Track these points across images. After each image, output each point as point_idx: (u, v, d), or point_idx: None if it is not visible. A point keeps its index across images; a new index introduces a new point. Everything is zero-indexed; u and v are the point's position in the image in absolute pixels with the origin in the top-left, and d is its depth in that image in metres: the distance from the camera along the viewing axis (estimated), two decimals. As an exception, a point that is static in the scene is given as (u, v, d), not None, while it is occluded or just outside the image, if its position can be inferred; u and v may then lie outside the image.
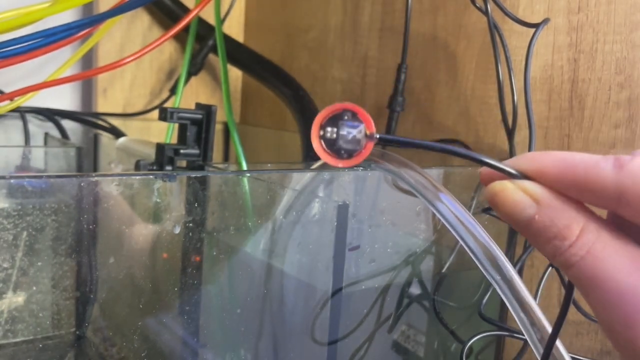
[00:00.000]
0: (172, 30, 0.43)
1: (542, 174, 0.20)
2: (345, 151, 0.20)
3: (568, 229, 0.19)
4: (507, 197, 0.20)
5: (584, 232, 0.19)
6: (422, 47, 0.52)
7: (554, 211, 0.19)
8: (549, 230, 0.19)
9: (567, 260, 0.19)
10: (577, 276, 0.19)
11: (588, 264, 0.18)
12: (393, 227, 0.39)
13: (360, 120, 0.20)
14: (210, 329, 0.35)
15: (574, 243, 0.19)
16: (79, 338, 0.32)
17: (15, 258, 0.28)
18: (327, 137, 0.20)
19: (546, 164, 0.20)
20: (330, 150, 0.20)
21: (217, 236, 0.34)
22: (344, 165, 0.20)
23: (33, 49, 0.39)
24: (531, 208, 0.19)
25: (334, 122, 0.20)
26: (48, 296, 0.31)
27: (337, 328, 0.35)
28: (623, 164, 0.18)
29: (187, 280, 0.34)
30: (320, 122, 0.20)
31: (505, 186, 0.20)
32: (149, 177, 0.31)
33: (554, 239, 0.19)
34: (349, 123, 0.20)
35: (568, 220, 0.19)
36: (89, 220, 0.29)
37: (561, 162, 0.19)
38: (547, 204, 0.19)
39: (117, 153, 0.49)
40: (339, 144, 0.20)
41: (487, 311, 0.38)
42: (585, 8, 0.41)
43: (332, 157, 0.20)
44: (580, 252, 0.18)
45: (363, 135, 0.20)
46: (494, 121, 0.46)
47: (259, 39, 0.74)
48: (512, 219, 0.20)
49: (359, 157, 0.20)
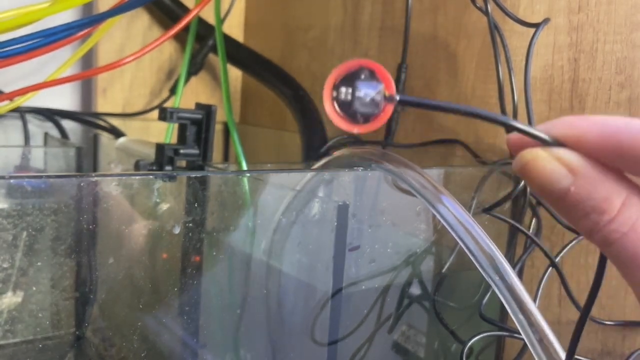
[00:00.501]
0: (172, 30, 0.43)
1: (580, 140, 0.18)
2: (362, 115, 0.18)
3: (608, 202, 0.17)
4: (539, 167, 0.18)
5: (626, 206, 0.17)
6: (422, 47, 0.52)
7: (592, 182, 0.17)
8: (586, 204, 0.17)
9: (607, 236, 0.17)
10: (618, 254, 0.17)
11: (631, 241, 0.17)
12: (393, 227, 0.39)
13: (379, 79, 0.18)
14: (210, 329, 0.35)
15: (614, 218, 0.17)
16: (78, 338, 0.32)
17: (14, 258, 0.28)
18: (342, 98, 0.18)
19: (585, 130, 0.17)
20: (345, 113, 0.18)
21: (217, 236, 0.34)
22: (360, 130, 0.18)
23: (33, 48, 0.39)
24: (567, 179, 0.17)
25: (349, 82, 0.18)
26: (47, 296, 0.31)
27: (337, 328, 0.35)
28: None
29: (186, 280, 0.34)
30: (334, 82, 0.18)
31: (538, 154, 0.18)
32: (149, 177, 0.31)
33: (591, 213, 0.17)
34: (366, 83, 0.18)
35: (608, 192, 0.17)
36: (89, 221, 0.29)
37: (603, 127, 0.17)
38: (585, 175, 0.17)
39: (116, 153, 0.48)
40: (355, 106, 0.18)
41: (487, 311, 0.38)
42: (585, 8, 0.41)
43: (346, 122, 0.18)
44: (622, 228, 0.17)
45: (382, 97, 0.18)
46: (494, 121, 0.46)
47: (259, 38, 0.74)
48: (545, 191, 0.18)
49: (378, 121, 0.18)
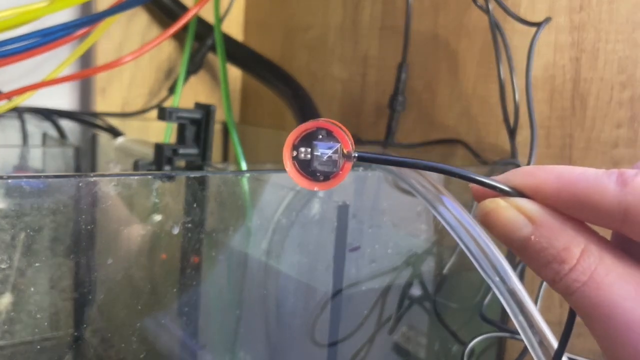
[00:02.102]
0: (171, 29, 0.42)
1: (538, 190, 0.18)
2: (321, 173, 0.19)
3: (567, 251, 0.17)
4: (500, 216, 0.18)
5: (585, 254, 0.17)
6: (423, 46, 0.52)
7: (551, 231, 0.17)
8: (546, 253, 0.17)
9: (568, 286, 0.17)
10: (579, 304, 0.17)
11: (591, 290, 0.17)
12: (394, 228, 0.39)
13: (336, 138, 0.19)
14: (209, 330, 0.35)
15: (574, 267, 0.17)
16: (77, 339, 0.32)
17: (13, 259, 0.28)
18: (301, 158, 0.19)
19: (542, 180, 0.18)
20: (305, 172, 0.19)
21: (216, 237, 0.34)
22: (320, 188, 0.19)
23: (31, 48, 0.39)
24: (527, 228, 0.18)
25: (307, 142, 0.19)
26: (46, 297, 0.30)
27: (337, 329, 0.35)
28: (627, 180, 0.17)
29: (186, 281, 0.34)
30: (293, 143, 0.19)
31: (498, 204, 0.18)
32: (148, 177, 0.30)
33: (552, 262, 0.17)
34: (323, 142, 0.19)
35: (567, 241, 0.17)
36: (87, 221, 0.29)
37: (559, 178, 0.18)
38: (544, 223, 0.18)
39: (115, 153, 0.48)
40: (314, 165, 0.18)
41: (488, 312, 0.38)
42: (587, 7, 0.40)
43: (307, 180, 0.19)
44: (581, 277, 0.17)
45: (340, 155, 0.19)
46: (495, 121, 0.46)
47: (259, 38, 0.73)
48: (507, 240, 0.18)
49: (337, 178, 0.19)
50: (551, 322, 0.21)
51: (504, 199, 0.19)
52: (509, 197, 0.19)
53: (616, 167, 0.41)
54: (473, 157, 0.47)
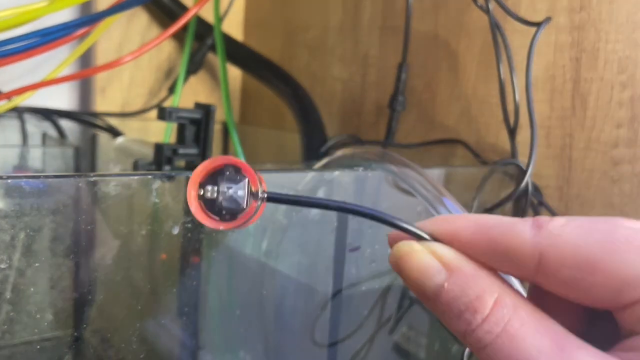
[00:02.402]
0: (171, 29, 0.42)
1: (455, 237, 0.18)
2: (227, 211, 0.18)
3: (480, 300, 0.16)
4: (414, 261, 0.17)
5: (499, 305, 0.16)
6: (423, 46, 0.52)
7: (465, 278, 0.17)
8: (459, 301, 0.16)
9: (480, 338, 0.16)
10: (492, 358, 0.16)
11: (504, 343, 0.16)
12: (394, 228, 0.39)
13: (244, 176, 0.18)
14: (209, 330, 0.35)
15: (487, 318, 0.16)
16: (77, 339, 0.32)
17: (12, 259, 0.28)
18: (208, 197, 0.18)
19: (459, 226, 0.18)
20: (211, 211, 0.18)
21: (216, 237, 0.34)
22: (226, 227, 0.18)
23: (30, 48, 0.39)
24: (440, 274, 0.17)
25: (214, 180, 0.18)
26: (46, 297, 0.30)
27: (337, 329, 0.35)
28: (542, 224, 0.16)
29: (186, 281, 0.34)
30: (199, 180, 0.18)
31: (413, 248, 0.18)
32: (147, 177, 0.30)
33: (464, 312, 0.16)
34: (230, 179, 0.18)
35: (481, 289, 0.16)
36: (87, 221, 0.29)
37: (474, 224, 0.17)
38: (458, 270, 0.17)
39: (115, 153, 0.48)
40: (219, 202, 0.18)
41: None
42: (587, 7, 0.40)
43: (212, 220, 0.18)
44: (495, 328, 0.16)
45: (247, 193, 0.18)
46: (495, 121, 0.46)
47: (259, 37, 0.73)
48: (420, 287, 0.17)
49: (243, 217, 0.18)
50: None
51: (420, 242, 0.18)
52: (425, 242, 0.18)
53: (616, 167, 0.41)
54: (473, 157, 0.47)
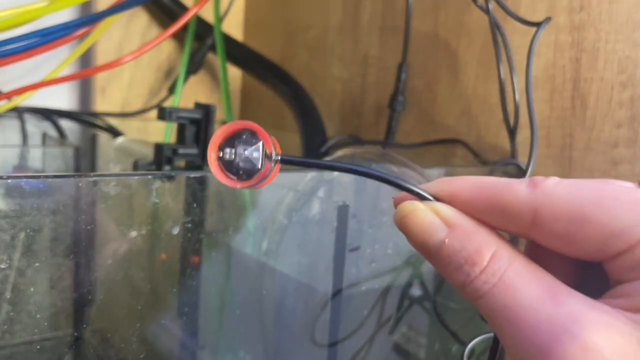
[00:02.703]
0: (171, 28, 0.42)
1: (455, 196, 0.19)
2: (244, 171, 0.19)
3: (478, 254, 0.18)
4: (417, 219, 0.19)
5: (496, 257, 0.17)
6: (423, 46, 0.52)
7: (464, 234, 0.18)
8: (459, 255, 0.18)
9: (478, 288, 0.17)
10: (488, 306, 0.17)
11: (500, 292, 0.17)
12: (393, 228, 0.39)
13: (259, 139, 0.19)
14: (209, 330, 0.35)
15: (484, 269, 0.17)
16: (77, 339, 0.32)
17: (13, 259, 0.28)
18: (226, 158, 0.19)
19: (459, 187, 0.19)
20: (229, 171, 0.19)
21: (216, 237, 0.34)
22: (243, 186, 0.19)
23: (30, 48, 0.39)
24: (442, 231, 0.18)
25: (232, 143, 0.19)
26: (46, 297, 0.30)
27: (337, 330, 0.35)
28: (537, 183, 0.18)
29: (185, 281, 0.34)
30: (219, 143, 0.19)
31: (416, 207, 0.19)
32: (147, 177, 0.30)
33: (463, 265, 0.18)
34: (246, 142, 0.19)
35: (479, 244, 0.18)
36: (87, 221, 0.29)
37: (474, 184, 0.19)
38: (458, 227, 0.18)
39: (115, 153, 0.48)
40: (237, 163, 0.19)
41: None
42: (587, 7, 0.40)
43: (230, 179, 0.19)
44: (491, 279, 0.17)
45: (262, 155, 0.19)
46: (495, 121, 0.46)
47: (259, 37, 0.73)
48: (422, 243, 0.19)
49: (258, 177, 0.19)
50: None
51: (423, 202, 0.19)
52: (427, 202, 0.19)
53: (616, 167, 0.41)
54: (473, 157, 0.47)
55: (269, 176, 0.20)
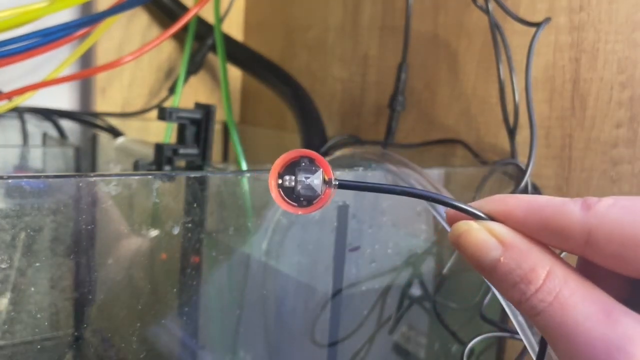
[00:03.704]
0: (171, 29, 0.42)
1: (509, 216, 0.19)
2: (305, 198, 0.20)
3: (534, 273, 0.18)
4: (472, 238, 0.19)
5: (551, 276, 0.18)
6: (423, 46, 0.52)
7: (519, 253, 0.18)
8: (514, 274, 0.18)
9: (534, 306, 0.18)
10: (545, 324, 0.18)
11: (556, 311, 0.18)
12: (393, 228, 0.39)
13: (318, 166, 0.20)
14: (209, 330, 0.35)
15: (540, 288, 0.18)
16: (77, 339, 0.32)
17: (13, 259, 0.28)
18: (286, 185, 0.20)
19: (513, 206, 0.19)
20: (289, 198, 0.20)
21: (216, 237, 0.34)
22: (304, 212, 0.20)
23: (31, 48, 0.39)
24: (497, 250, 0.19)
25: (291, 170, 0.20)
26: (46, 297, 0.30)
27: (337, 329, 0.35)
28: (591, 205, 0.18)
29: (186, 281, 0.34)
30: (278, 171, 0.20)
31: (471, 226, 0.19)
32: (148, 177, 0.30)
33: (519, 283, 0.18)
34: (306, 170, 0.20)
35: (534, 263, 0.18)
36: (88, 221, 0.29)
37: (527, 204, 0.19)
38: (513, 246, 0.19)
39: (115, 153, 0.48)
40: (298, 191, 0.20)
41: (488, 312, 0.38)
42: (586, 7, 0.40)
43: (291, 206, 0.20)
44: (547, 297, 0.18)
45: (321, 181, 0.20)
46: (495, 121, 0.46)
47: (259, 38, 0.73)
48: (478, 261, 0.19)
49: (319, 203, 0.20)
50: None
51: (477, 221, 0.20)
52: (481, 221, 0.20)
53: (616, 167, 0.41)
54: (473, 157, 0.47)
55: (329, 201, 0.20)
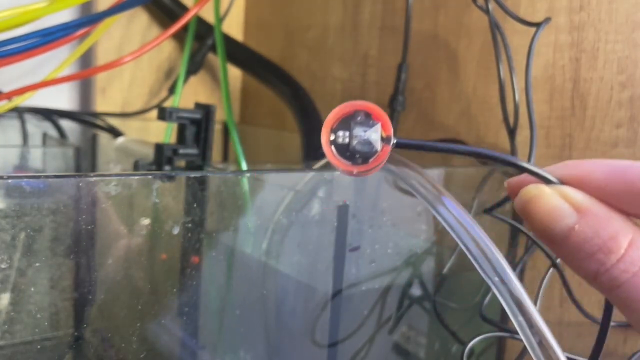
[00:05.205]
0: (171, 29, 0.42)
1: (586, 180, 0.17)
2: (360, 155, 0.18)
3: (614, 241, 0.16)
4: (543, 204, 0.17)
5: (634, 245, 0.16)
6: (423, 46, 0.52)
7: (597, 220, 0.17)
8: (591, 243, 0.16)
9: (615, 278, 0.16)
10: (627, 297, 0.16)
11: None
12: (393, 228, 0.39)
13: (376, 120, 0.18)
14: (209, 330, 0.35)
15: (622, 257, 0.16)
16: (77, 339, 0.32)
17: (13, 259, 0.28)
18: (339, 142, 0.18)
19: (590, 170, 0.17)
20: (343, 156, 0.18)
21: (216, 237, 0.34)
22: (359, 170, 0.18)
23: (31, 48, 0.39)
24: (571, 217, 0.17)
25: (346, 125, 0.18)
26: (46, 297, 0.30)
27: (337, 330, 0.35)
28: None
29: (186, 281, 0.34)
30: (332, 126, 0.18)
31: (542, 191, 0.17)
32: (148, 177, 0.30)
33: (597, 253, 0.16)
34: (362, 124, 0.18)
35: (614, 230, 0.16)
36: (88, 221, 0.29)
37: (607, 167, 0.17)
38: (590, 212, 0.17)
39: (115, 153, 0.48)
40: (353, 147, 0.18)
41: (488, 312, 0.38)
42: (586, 7, 0.40)
43: (345, 164, 0.18)
44: (631, 267, 0.16)
45: (379, 137, 0.18)
46: (495, 121, 0.46)
47: (259, 38, 0.73)
48: (548, 230, 0.17)
49: (376, 161, 0.18)
50: (551, 322, 0.21)
51: (550, 186, 0.18)
52: (554, 185, 0.18)
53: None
54: (473, 157, 0.47)
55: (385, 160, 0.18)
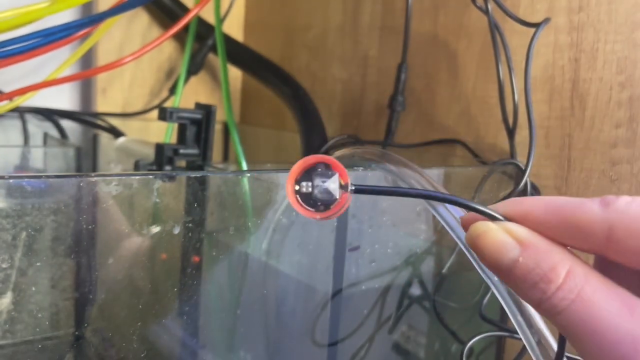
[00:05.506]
0: (172, 29, 0.42)
1: (527, 216, 0.19)
2: (322, 202, 0.20)
3: (554, 272, 0.18)
4: (490, 239, 0.19)
5: (571, 274, 0.18)
6: (422, 47, 0.52)
7: (538, 253, 0.18)
8: (533, 273, 0.18)
9: (555, 305, 0.18)
10: (567, 323, 0.18)
11: (578, 308, 0.17)
12: (393, 228, 0.39)
13: (334, 171, 0.20)
14: (209, 330, 0.35)
15: (561, 286, 0.18)
16: (78, 339, 0.32)
17: (14, 258, 0.28)
18: (303, 191, 0.20)
19: (530, 207, 0.19)
20: (307, 204, 0.20)
21: (216, 237, 0.34)
22: (322, 217, 0.20)
23: (32, 48, 0.39)
24: (515, 250, 0.19)
25: (308, 176, 0.20)
26: (47, 297, 0.30)
27: (337, 329, 0.35)
28: (609, 202, 0.18)
29: (186, 281, 0.34)
30: (295, 178, 0.20)
31: (489, 227, 0.19)
32: (148, 177, 0.30)
33: (539, 282, 0.18)
34: (322, 175, 0.20)
35: (554, 262, 0.18)
36: (88, 221, 0.29)
37: (545, 204, 0.19)
38: (532, 245, 0.18)
39: (116, 153, 0.48)
40: (315, 195, 0.20)
41: (487, 312, 0.38)
42: (586, 7, 0.41)
43: (309, 211, 0.20)
44: (569, 295, 0.17)
45: (337, 186, 0.20)
46: (494, 121, 0.46)
47: (259, 38, 0.74)
48: (495, 263, 0.19)
49: (336, 207, 0.20)
50: (548, 323, 0.21)
51: (495, 222, 0.19)
52: (499, 222, 0.19)
53: (615, 167, 0.41)
54: (472, 157, 0.47)
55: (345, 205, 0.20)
